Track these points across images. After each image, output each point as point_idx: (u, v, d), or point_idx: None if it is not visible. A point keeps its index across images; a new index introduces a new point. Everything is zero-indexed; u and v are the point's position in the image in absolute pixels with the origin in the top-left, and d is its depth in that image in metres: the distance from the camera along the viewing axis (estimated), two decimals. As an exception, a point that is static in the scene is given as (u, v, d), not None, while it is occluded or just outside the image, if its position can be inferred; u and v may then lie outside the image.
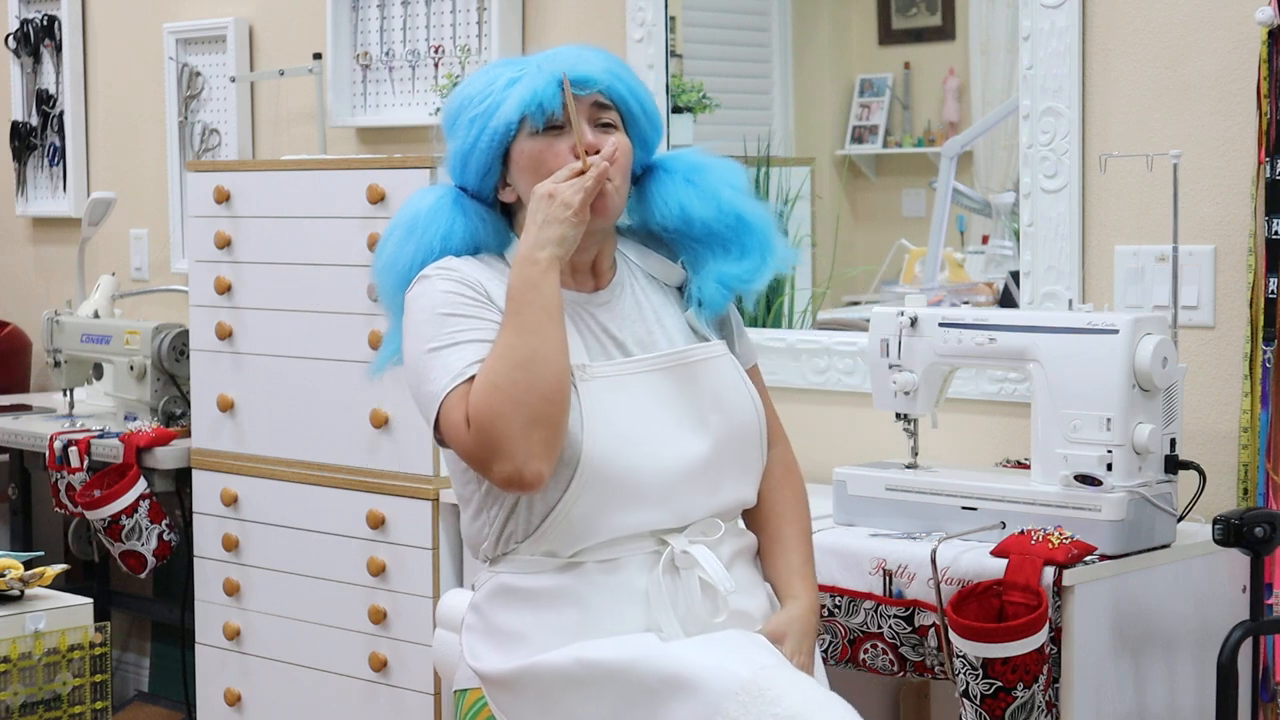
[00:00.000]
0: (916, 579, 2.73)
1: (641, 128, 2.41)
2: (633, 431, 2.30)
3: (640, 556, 2.32)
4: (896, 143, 3.93)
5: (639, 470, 2.30)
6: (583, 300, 2.40)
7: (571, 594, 2.31)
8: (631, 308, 2.42)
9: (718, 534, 2.36)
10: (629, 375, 2.35)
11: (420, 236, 2.39)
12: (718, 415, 2.38)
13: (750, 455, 2.43)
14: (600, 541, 2.31)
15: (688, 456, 2.33)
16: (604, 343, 2.37)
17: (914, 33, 3.94)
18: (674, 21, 3.76)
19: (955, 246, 3.75)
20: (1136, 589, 2.72)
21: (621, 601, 2.31)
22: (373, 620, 3.69)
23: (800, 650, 2.38)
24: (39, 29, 5.19)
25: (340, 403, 3.73)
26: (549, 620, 2.31)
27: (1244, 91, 2.98)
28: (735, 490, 2.41)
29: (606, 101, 2.36)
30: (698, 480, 2.35)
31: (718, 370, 2.41)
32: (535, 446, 2.19)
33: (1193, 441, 3.00)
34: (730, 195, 2.42)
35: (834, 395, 3.49)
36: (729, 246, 2.43)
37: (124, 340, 4.39)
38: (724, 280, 2.43)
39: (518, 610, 2.33)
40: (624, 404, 2.32)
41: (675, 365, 2.38)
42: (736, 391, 2.41)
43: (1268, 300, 2.93)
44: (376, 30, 4.34)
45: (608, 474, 2.28)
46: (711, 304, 2.44)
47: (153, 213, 4.93)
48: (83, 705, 3.26)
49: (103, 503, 4.08)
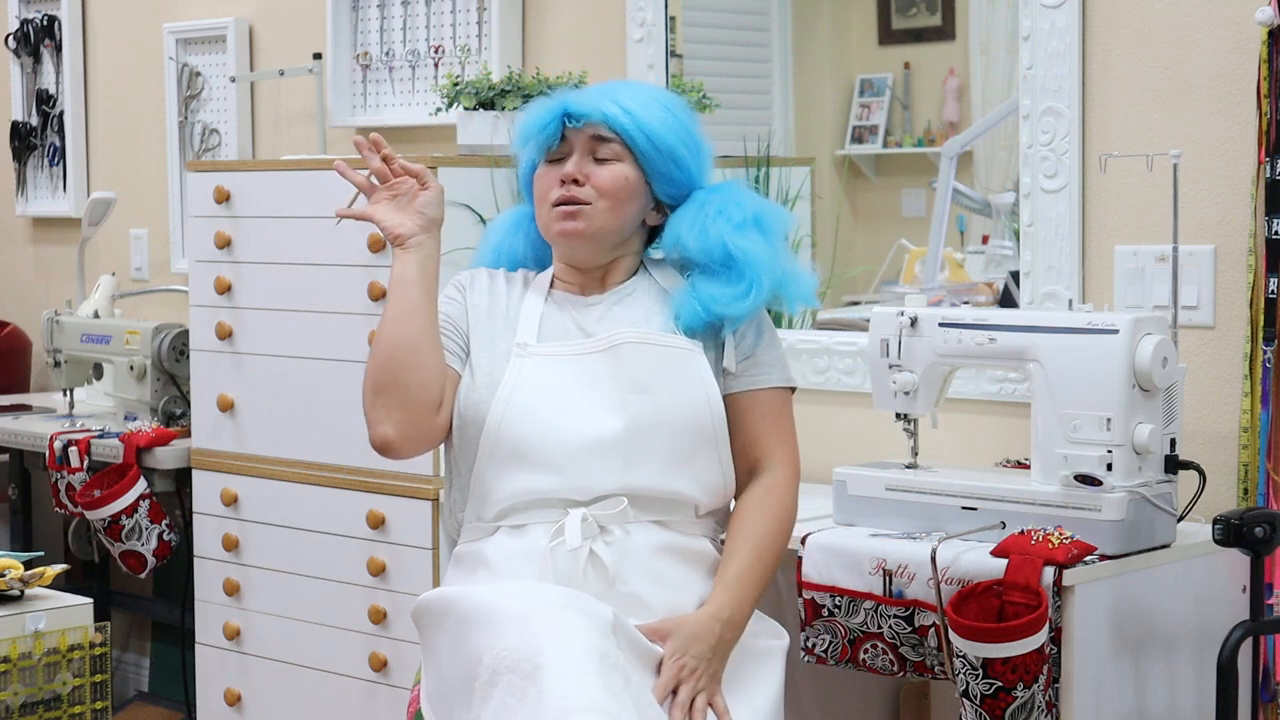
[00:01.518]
0: (916, 579, 2.73)
1: (653, 160, 2.58)
2: (542, 403, 2.50)
3: (545, 524, 2.48)
4: (896, 143, 3.93)
5: (542, 437, 2.48)
6: (577, 302, 2.62)
7: (483, 556, 2.50)
8: (621, 311, 2.59)
9: (618, 509, 2.46)
10: (567, 356, 2.54)
11: (482, 244, 2.78)
12: (642, 396, 2.50)
13: (685, 448, 2.52)
14: (509, 505, 2.49)
15: (596, 429, 2.48)
16: (567, 329, 2.57)
17: (914, 33, 3.94)
18: (674, 21, 3.76)
19: (955, 246, 3.75)
20: (1136, 589, 2.72)
21: (522, 564, 2.47)
22: (373, 620, 3.69)
23: (685, 653, 2.43)
24: (39, 29, 5.19)
25: (340, 403, 3.73)
26: (467, 580, 2.50)
27: (1244, 91, 2.98)
28: (659, 477, 2.50)
29: (608, 134, 2.57)
30: (604, 455, 2.48)
31: (660, 357, 2.54)
32: (379, 412, 2.48)
33: (1193, 441, 3.00)
34: (722, 227, 2.58)
35: (834, 395, 3.49)
36: (716, 272, 2.58)
37: (124, 340, 4.39)
38: (701, 298, 2.57)
39: (453, 571, 2.56)
40: (549, 380, 2.51)
41: (612, 347, 2.53)
42: (677, 381, 2.53)
43: (1268, 300, 2.93)
44: (376, 30, 4.34)
45: (506, 440, 2.48)
46: (686, 317, 2.58)
47: (153, 213, 4.93)
48: (83, 705, 3.26)
49: (103, 503, 4.08)
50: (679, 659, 2.41)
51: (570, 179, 2.56)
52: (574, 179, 2.56)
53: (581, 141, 2.58)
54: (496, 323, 2.60)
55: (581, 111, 2.57)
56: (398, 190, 2.52)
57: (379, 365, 2.48)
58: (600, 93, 2.61)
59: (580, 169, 2.57)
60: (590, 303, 2.61)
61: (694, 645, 2.43)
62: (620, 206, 2.58)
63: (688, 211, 2.62)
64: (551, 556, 2.45)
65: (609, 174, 2.57)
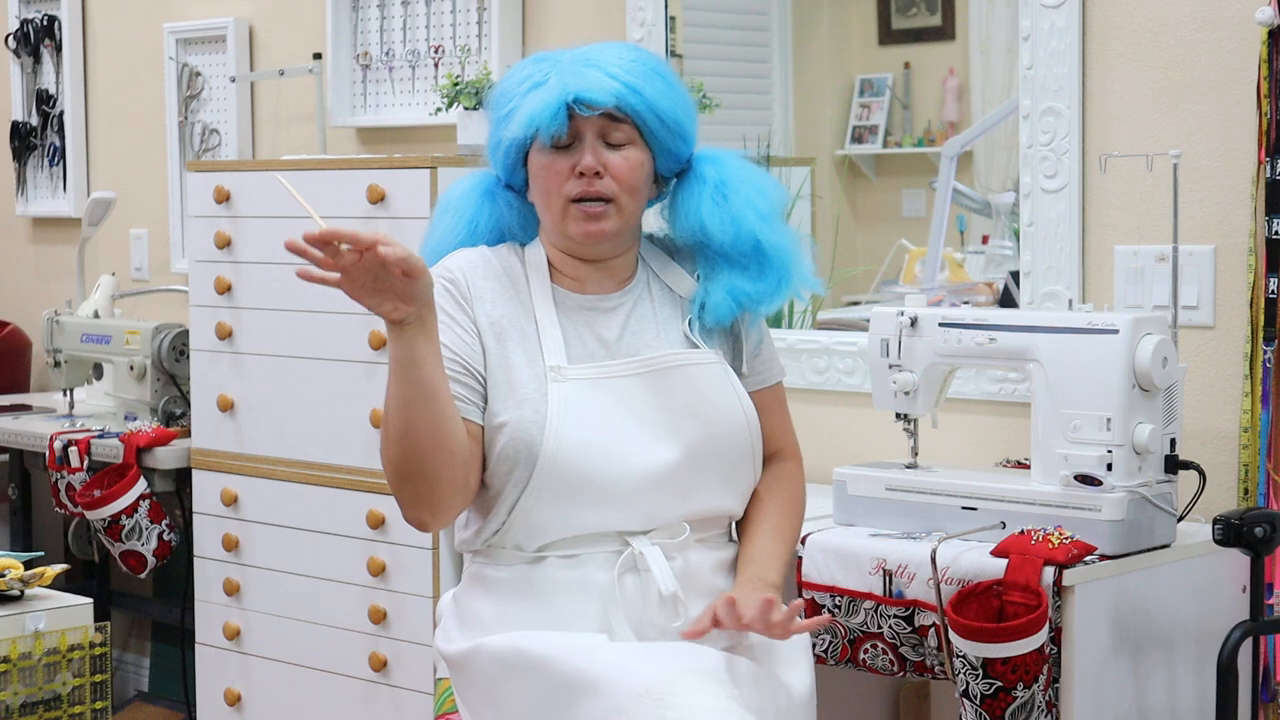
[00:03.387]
0: (916, 579, 2.73)
1: (661, 138, 2.42)
2: (597, 434, 2.34)
3: (602, 555, 2.37)
4: (896, 143, 3.93)
5: (599, 473, 2.34)
6: (586, 305, 2.45)
7: (532, 586, 2.37)
8: (635, 318, 2.46)
9: (681, 537, 2.38)
10: (604, 379, 2.38)
11: (450, 219, 2.49)
12: (694, 423, 2.40)
13: (731, 465, 2.44)
14: (562, 538, 2.36)
15: (655, 462, 2.36)
16: (591, 347, 2.41)
17: (914, 33, 3.94)
18: (674, 21, 3.76)
19: (955, 246, 3.75)
20: (1136, 589, 2.72)
21: (579, 597, 2.35)
22: (373, 620, 3.69)
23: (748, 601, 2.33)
24: (39, 29, 5.19)
25: (340, 403, 3.73)
26: (511, 609, 2.37)
27: (1244, 91, 2.98)
28: (713, 498, 2.43)
29: (619, 115, 2.38)
30: (666, 486, 2.37)
31: (700, 377, 2.42)
32: (408, 498, 2.31)
33: (1193, 441, 3.00)
34: (752, 221, 2.44)
35: (834, 395, 3.49)
36: (746, 265, 2.45)
37: (124, 340, 4.39)
38: (734, 294, 2.45)
39: (484, 596, 2.41)
40: (594, 407, 2.36)
41: (651, 370, 2.40)
42: (719, 400, 2.43)
43: (1268, 300, 2.93)
44: (376, 30, 4.34)
45: (567, 475, 2.33)
46: (716, 312, 2.46)
47: (153, 213, 4.93)
48: (83, 705, 3.26)
49: (103, 503, 4.08)
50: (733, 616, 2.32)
51: (592, 171, 2.36)
52: (595, 171, 2.37)
53: (593, 128, 2.38)
54: (512, 339, 2.41)
55: (593, 98, 2.35)
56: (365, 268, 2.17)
57: (398, 456, 2.26)
58: (594, 67, 2.38)
59: (597, 158, 2.37)
60: (603, 308, 2.45)
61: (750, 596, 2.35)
62: (638, 194, 2.41)
63: (702, 194, 2.45)
64: (621, 591, 2.34)
65: (625, 163, 2.38)
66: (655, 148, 2.42)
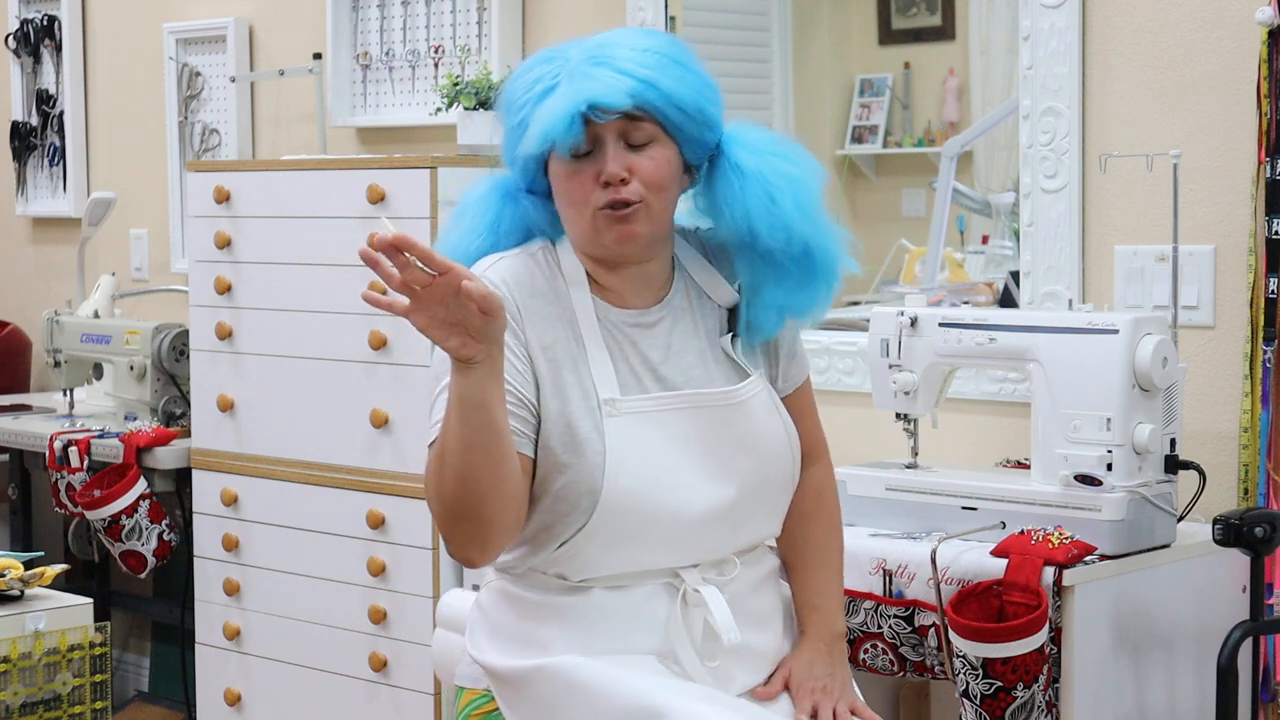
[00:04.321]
0: (916, 579, 2.73)
1: (686, 130, 2.29)
2: (656, 473, 2.27)
3: (651, 585, 2.31)
4: (896, 143, 3.93)
5: (659, 514, 2.27)
6: (629, 321, 2.34)
7: (576, 612, 2.30)
8: (678, 335, 2.36)
9: (733, 574, 2.33)
10: (658, 411, 2.30)
11: (470, 221, 2.36)
12: (747, 459, 2.33)
13: (777, 497, 2.39)
14: (613, 574, 2.30)
15: (711, 501, 2.30)
16: (640, 374, 2.32)
17: (914, 33, 3.94)
18: (674, 21, 3.76)
19: (955, 246, 3.75)
20: (1136, 589, 2.72)
21: (627, 624, 2.29)
22: (373, 620, 3.69)
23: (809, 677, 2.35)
24: (39, 29, 5.19)
25: (340, 403, 3.73)
26: (553, 632, 2.30)
27: (1244, 91, 2.98)
28: (758, 530, 2.38)
29: (638, 114, 2.26)
30: (719, 524, 2.31)
31: (752, 412, 2.35)
32: (459, 537, 2.19)
33: (1193, 441, 3.00)
34: (804, 226, 2.32)
35: (834, 395, 3.49)
36: (791, 272, 2.35)
37: (124, 340, 4.39)
38: (781, 309, 2.37)
39: (524, 617, 2.32)
40: (649, 444, 2.28)
41: (708, 406, 2.32)
42: (767, 432, 2.36)
43: (1268, 300, 2.93)
44: (376, 30, 4.34)
45: (626, 515, 2.25)
46: (761, 330, 2.38)
47: (153, 213, 4.93)
48: (83, 705, 3.26)
49: (103, 503, 4.08)
50: (807, 685, 2.34)
51: (617, 179, 2.24)
52: (620, 179, 2.25)
53: (612, 131, 2.25)
54: (565, 366, 2.29)
55: (608, 102, 2.22)
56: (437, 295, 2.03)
57: (454, 497, 2.15)
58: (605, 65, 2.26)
59: (621, 164, 2.25)
60: (644, 324, 2.34)
61: (813, 669, 2.35)
62: (667, 193, 2.29)
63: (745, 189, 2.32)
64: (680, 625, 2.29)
65: (651, 164, 2.26)
66: (680, 139, 2.30)
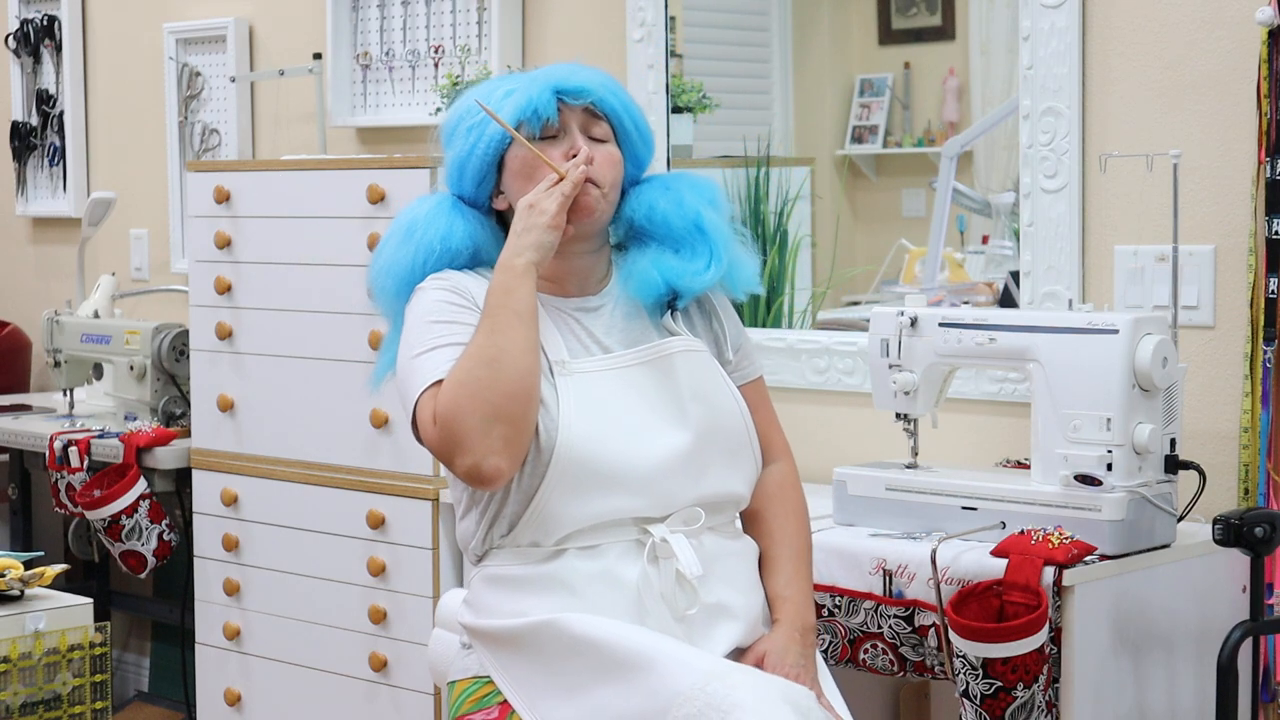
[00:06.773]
0: (916, 579, 2.73)
1: (633, 143, 2.49)
2: (610, 422, 2.38)
3: (622, 544, 2.38)
4: (896, 143, 3.93)
5: (615, 458, 2.36)
6: (570, 305, 2.47)
7: (556, 579, 2.37)
8: (621, 314, 2.48)
9: (698, 523, 2.40)
10: (609, 370, 2.42)
11: (420, 238, 2.47)
12: (698, 405, 2.43)
13: (735, 446, 2.47)
14: (581, 529, 2.37)
15: (668, 446, 2.39)
16: (587, 344, 2.45)
17: (914, 33, 3.94)
18: (674, 21, 3.76)
19: (955, 246, 3.75)
20: (1136, 589, 2.72)
21: (604, 586, 2.37)
22: (373, 620, 3.69)
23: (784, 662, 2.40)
24: (39, 29, 5.19)
25: (340, 403, 3.73)
26: (538, 601, 2.37)
27: (1244, 91, 2.98)
28: (722, 482, 2.45)
29: (599, 114, 2.45)
30: (680, 470, 2.40)
31: (698, 363, 2.47)
32: (494, 442, 2.28)
33: (1193, 441, 3.00)
34: (694, 201, 2.50)
35: (834, 395, 3.49)
36: (680, 246, 2.48)
37: (124, 340, 4.39)
38: (661, 269, 2.47)
39: (508, 593, 2.40)
40: (603, 397, 2.39)
41: (654, 358, 2.44)
42: (713, 384, 2.48)
43: (1268, 300, 2.93)
44: (376, 30, 4.34)
45: (583, 463, 2.35)
46: (640, 287, 2.47)
47: (153, 213, 4.93)
48: (83, 705, 3.26)
49: (103, 503, 4.08)
50: (780, 670, 2.38)
51: (589, 157, 2.39)
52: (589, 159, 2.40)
53: (577, 120, 2.43)
54: None
55: (578, 88, 2.43)
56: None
57: (507, 394, 2.28)
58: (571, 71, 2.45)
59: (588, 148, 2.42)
60: (589, 309, 2.48)
61: (786, 656, 2.41)
62: (616, 190, 2.46)
63: (654, 188, 2.51)
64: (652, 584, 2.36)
65: (610, 158, 2.44)
66: (626, 152, 2.47)
